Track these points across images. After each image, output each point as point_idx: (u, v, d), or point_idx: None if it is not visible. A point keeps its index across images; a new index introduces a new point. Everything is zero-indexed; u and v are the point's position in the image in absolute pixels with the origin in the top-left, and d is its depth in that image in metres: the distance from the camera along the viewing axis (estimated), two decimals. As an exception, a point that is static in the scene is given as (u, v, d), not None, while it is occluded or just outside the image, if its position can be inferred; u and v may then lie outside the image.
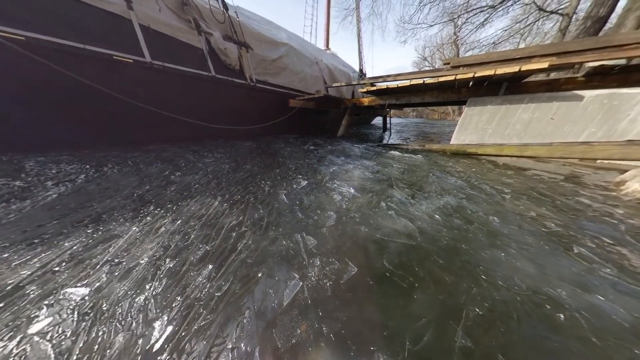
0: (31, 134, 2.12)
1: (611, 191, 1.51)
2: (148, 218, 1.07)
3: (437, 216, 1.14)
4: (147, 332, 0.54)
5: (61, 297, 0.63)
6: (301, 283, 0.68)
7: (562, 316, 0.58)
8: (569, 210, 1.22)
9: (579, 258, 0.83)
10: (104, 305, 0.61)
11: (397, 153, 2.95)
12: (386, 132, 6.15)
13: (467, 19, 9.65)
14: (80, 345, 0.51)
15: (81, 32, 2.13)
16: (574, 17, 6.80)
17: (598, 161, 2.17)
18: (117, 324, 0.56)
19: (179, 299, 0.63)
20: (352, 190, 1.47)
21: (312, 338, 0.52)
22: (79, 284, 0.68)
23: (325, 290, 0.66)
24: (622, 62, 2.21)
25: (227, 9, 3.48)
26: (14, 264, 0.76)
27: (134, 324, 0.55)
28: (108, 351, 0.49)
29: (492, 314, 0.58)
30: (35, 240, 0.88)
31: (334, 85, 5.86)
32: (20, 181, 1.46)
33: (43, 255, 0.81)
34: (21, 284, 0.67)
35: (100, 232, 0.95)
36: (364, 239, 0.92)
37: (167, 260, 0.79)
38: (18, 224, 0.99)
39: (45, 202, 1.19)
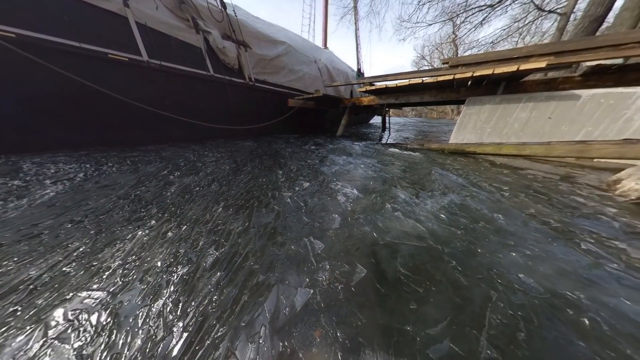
0: (25, 135, 2.09)
1: (607, 189, 1.53)
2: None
3: (442, 215, 1.14)
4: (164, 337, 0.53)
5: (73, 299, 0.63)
6: (312, 288, 0.67)
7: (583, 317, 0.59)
8: (566, 208, 1.24)
9: (585, 252, 0.85)
10: (114, 311, 0.60)
11: (396, 152, 2.96)
12: (385, 132, 6.15)
13: (465, 18, 9.67)
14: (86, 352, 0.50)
15: (76, 29, 2.10)
16: (572, 16, 6.85)
17: (595, 160, 2.20)
18: (130, 332, 0.55)
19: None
20: (356, 191, 1.47)
21: (326, 344, 0.52)
22: (89, 283, 0.68)
23: (337, 295, 0.65)
24: (619, 61, 2.24)
25: (225, 8, 3.45)
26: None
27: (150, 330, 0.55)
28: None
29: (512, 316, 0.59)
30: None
31: (333, 84, 5.85)
32: (20, 180, 1.44)
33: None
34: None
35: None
36: (371, 242, 0.92)
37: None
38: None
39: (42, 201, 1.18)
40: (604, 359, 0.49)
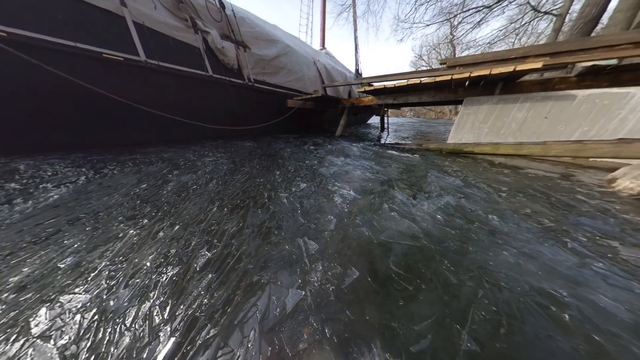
0: (16, 136, 2.05)
1: (603, 188, 1.56)
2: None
3: (439, 216, 1.15)
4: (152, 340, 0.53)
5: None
6: (304, 290, 0.68)
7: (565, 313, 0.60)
8: (563, 207, 1.26)
9: (573, 252, 0.86)
10: (105, 313, 0.60)
11: (395, 152, 2.97)
12: (384, 132, 6.18)
13: (463, 19, 9.76)
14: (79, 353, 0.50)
15: (71, 28, 2.07)
16: (567, 17, 6.94)
17: (590, 159, 2.23)
18: (119, 332, 0.55)
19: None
20: (353, 192, 1.48)
21: (316, 342, 0.53)
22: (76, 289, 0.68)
23: (328, 295, 0.66)
24: (614, 62, 2.27)
25: (224, 7, 3.44)
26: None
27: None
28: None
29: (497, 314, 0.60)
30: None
31: (332, 85, 5.86)
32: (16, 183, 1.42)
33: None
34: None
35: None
36: (367, 243, 0.93)
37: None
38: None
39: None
40: (581, 353, 0.50)
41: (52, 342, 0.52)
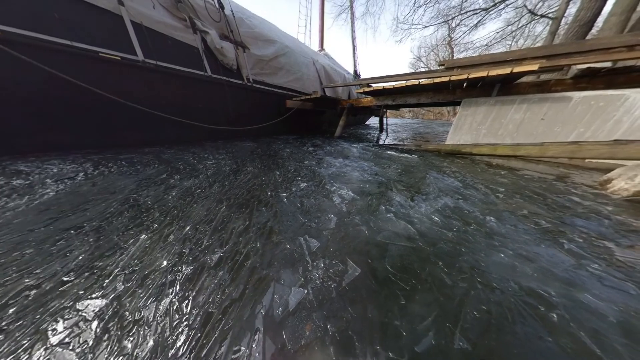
0: (11, 137, 2.01)
1: (598, 189, 1.58)
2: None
3: (435, 217, 1.16)
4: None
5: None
6: (306, 287, 0.69)
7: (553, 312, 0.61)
8: (558, 208, 1.27)
9: (568, 253, 0.87)
10: (124, 309, 0.60)
11: (394, 153, 2.98)
12: (383, 133, 6.20)
13: (461, 21, 9.84)
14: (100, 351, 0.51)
15: (67, 27, 2.04)
16: (563, 20, 7.04)
17: (586, 160, 2.25)
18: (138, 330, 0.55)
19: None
20: (352, 193, 1.48)
21: (318, 337, 0.54)
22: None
23: (330, 292, 0.67)
24: (608, 64, 2.30)
25: (222, 7, 3.44)
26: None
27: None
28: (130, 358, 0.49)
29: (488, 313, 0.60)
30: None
31: (331, 85, 5.87)
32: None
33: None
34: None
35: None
36: (365, 242, 0.93)
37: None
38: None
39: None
40: (567, 352, 0.51)
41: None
